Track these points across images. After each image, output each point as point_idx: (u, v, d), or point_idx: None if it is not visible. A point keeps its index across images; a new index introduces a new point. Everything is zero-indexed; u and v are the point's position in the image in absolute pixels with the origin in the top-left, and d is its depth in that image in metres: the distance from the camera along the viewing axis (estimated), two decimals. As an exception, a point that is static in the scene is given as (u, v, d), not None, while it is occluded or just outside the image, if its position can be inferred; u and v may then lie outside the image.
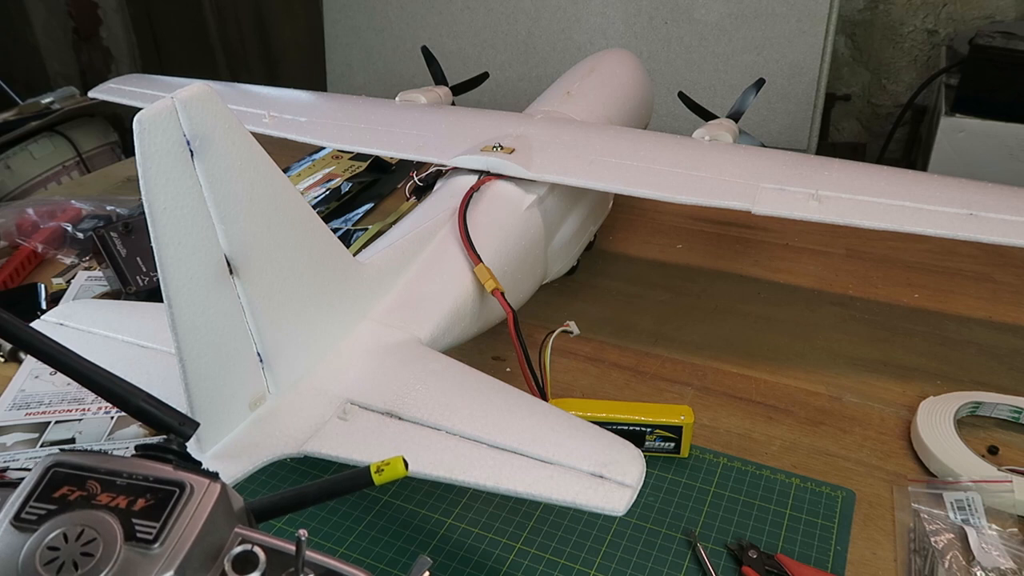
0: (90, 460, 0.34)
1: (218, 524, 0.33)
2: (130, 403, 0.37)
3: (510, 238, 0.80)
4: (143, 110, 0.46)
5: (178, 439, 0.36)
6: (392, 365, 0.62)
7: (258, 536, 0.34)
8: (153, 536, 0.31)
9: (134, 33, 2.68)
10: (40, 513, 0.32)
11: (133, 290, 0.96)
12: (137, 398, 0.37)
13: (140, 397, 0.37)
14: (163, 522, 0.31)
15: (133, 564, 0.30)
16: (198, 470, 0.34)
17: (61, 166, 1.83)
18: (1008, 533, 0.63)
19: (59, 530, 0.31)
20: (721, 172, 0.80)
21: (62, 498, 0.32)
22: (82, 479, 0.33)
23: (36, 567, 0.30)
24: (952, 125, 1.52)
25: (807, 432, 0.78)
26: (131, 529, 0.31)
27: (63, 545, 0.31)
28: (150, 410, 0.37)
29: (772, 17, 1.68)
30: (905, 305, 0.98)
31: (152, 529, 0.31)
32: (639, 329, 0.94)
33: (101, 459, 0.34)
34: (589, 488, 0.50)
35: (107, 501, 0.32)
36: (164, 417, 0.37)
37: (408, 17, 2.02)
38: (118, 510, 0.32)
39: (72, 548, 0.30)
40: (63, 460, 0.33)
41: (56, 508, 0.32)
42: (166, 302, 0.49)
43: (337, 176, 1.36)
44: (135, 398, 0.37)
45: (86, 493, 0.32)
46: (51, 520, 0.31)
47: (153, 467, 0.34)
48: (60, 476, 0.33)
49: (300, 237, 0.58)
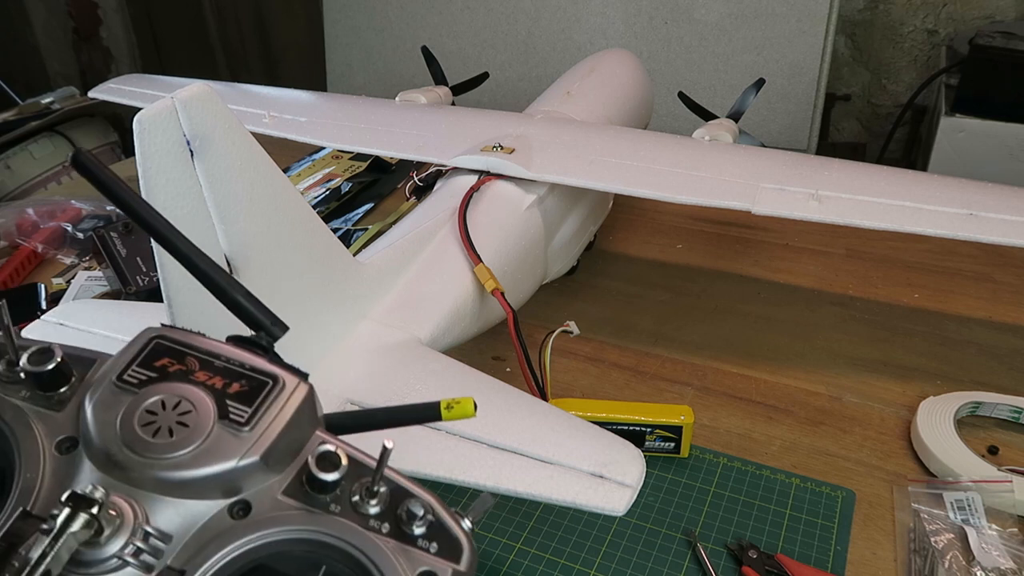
0: (190, 338, 0.35)
1: (303, 421, 0.33)
2: (228, 294, 0.37)
3: (510, 238, 0.80)
4: (143, 110, 0.46)
5: (267, 337, 0.37)
6: (392, 365, 0.62)
7: (340, 443, 0.34)
8: (244, 420, 0.32)
9: (134, 33, 2.68)
10: (141, 378, 0.33)
11: (133, 290, 0.96)
12: (236, 291, 0.37)
13: (239, 291, 0.37)
14: (255, 408, 0.32)
15: (223, 442, 0.31)
16: (289, 367, 0.35)
17: (61, 166, 1.82)
18: (1008, 533, 0.63)
19: (158, 396, 0.32)
20: (721, 172, 0.80)
21: (162, 368, 0.33)
22: (182, 354, 0.34)
23: (134, 426, 0.31)
24: (952, 125, 1.52)
25: (807, 432, 0.78)
26: (224, 409, 0.32)
27: (160, 411, 0.32)
28: (245, 305, 0.37)
29: (772, 17, 1.68)
30: (905, 305, 0.98)
31: (244, 413, 0.32)
32: (639, 329, 0.94)
33: (200, 339, 0.35)
34: (589, 488, 0.50)
35: (204, 379, 0.33)
36: (258, 314, 0.37)
37: (408, 17, 2.01)
38: (214, 389, 0.33)
39: (169, 415, 0.32)
40: (165, 334, 0.35)
41: (156, 376, 0.33)
42: (166, 302, 0.49)
43: (337, 176, 1.36)
44: (234, 291, 0.37)
45: (185, 368, 0.34)
46: (151, 386, 0.33)
47: (249, 356, 0.34)
48: (162, 347, 0.34)
49: (300, 237, 0.58)
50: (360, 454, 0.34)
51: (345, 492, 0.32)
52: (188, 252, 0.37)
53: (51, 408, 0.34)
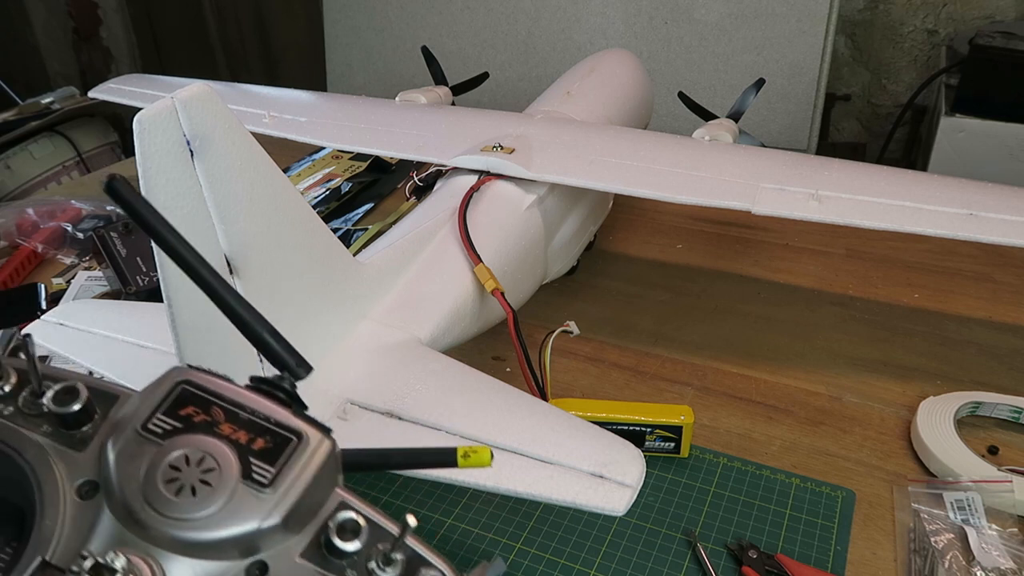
0: (216, 385, 0.34)
1: (324, 480, 0.33)
2: (255, 331, 0.36)
3: (510, 238, 0.80)
4: (143, 110, 0.46)
5: (290, 378, 0.36)
6: (392, 365, 0.62)
7: (359, 503, 0.34)
8: (268, 480, 0.31)
9: (134, 33, 2.68)
10: (166, 428, 0.32)
11: (133, 290, 0.96)
12: (263, 328, 0.36)
13: (266, 328, 0.36)
14: (278, 469, 0.32)
15: (245, 504, 0.31)
16: (313, 421, 0.34)
17: (61, 166, 1.83)
18: (1008, 533, 0.63)
19: (182, 451, 0.31)
20: (721, 172, 0.80)
21: (187, 418, 0.32)
22: (207, 403, 0.33)
23: (157, 482, 0.30)
24: (952, 125, 1.52)
25: (807, 432, 0.78)
26: (248, 468, 0.32)
27: (184, 467, 0.31)
28: (271, 343, 0.36)
29: (772, 17, 1.68)
30: (905, 305, 0.98)
31: (268, 473, 0.31)
32: (639, 329, 0.94)
33: (226, 387, 0.34)
34: (589, 488, 0.50)
35: (229, 432, 0.32)
36: (284, 354, 0.36)
37: (408, 17, 2.02)
38: (238, 444, 0.32)
39: (192, 472, 0.31)
40: (192, 379, 0.34)
41: (181, 427, 0.32)
42: (166, 302, 0.49)
43: (337, 176, 1.36)
44: (261, 328, 0.36)
45: (210, 419, 0.33)
46: (175, 437, 0.32)
47: (273, 408, 0.34)
48: (187, 394, 0.33)
49: (300, 237, 0.58)
50: (380, 517, 0.33)
51: (362, 556, 0.32)
52: (217, 286, 0.36)
53: (72, 446, 0.33)
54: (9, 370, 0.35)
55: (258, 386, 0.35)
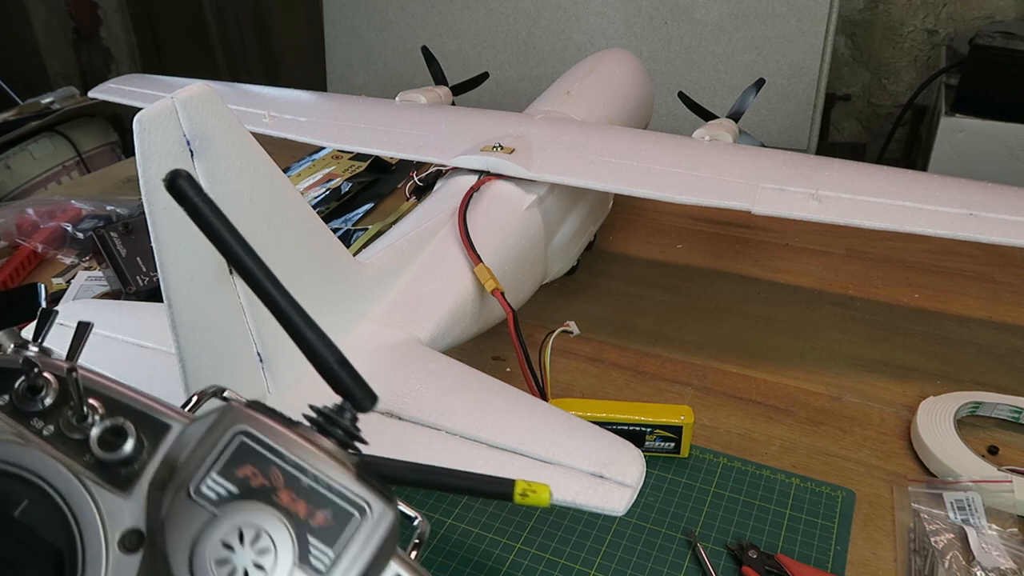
0: (276, 437, 0.31)
1: (381, 558, 0.31)
2: (323, 360, 0.33)
3: (510, 238, 0.80)
4: (143, 110, 0.45)
5: (352, 411, 0.33)
6: (392, 365, 0.62)
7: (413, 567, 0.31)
8: (326, 567, 0.29)
9: (134, 33, 2.68)
10: (220, 493, 0.29)
11: (133, 290, 0.96)
12: (331, 358, 0.33)
13: (335, 357, 0.33)
14: (338, 552, 0.29)
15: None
16: (376, 488, 0.31)
17: (61, 166, 1.83)
18: (1008, 533, 0.63)
19: (237, 525, 0.29)
20: (721, 172, 0.80)
21: (244, 480, 0.30)
22: (267, 462, 0.30)
23: (207, 561, 0.28)
24: (952, 125, 1.52)
25: (807, 432, 0.78)
26: (305, 550, 0.29)
27: (237, 547, 0.28)
28: (339, 373, 0.33)
29: (772, 17, 1.68)
30: (905, 305, 0.98)
31: (326, 558, 0.29)
32: (639, 329, 0.94)
33: (286, 437, 0.31)
34: (589, 488, 0.50)
35: (287, 502, 0.29)
36: (351, 384, 0.33)
37: (408, 17, 2.02)
38: (296, 519, 0.29)
39: (246, 555, 0.28)
40: (252, 431, 0.30)
41: (237, 492, 0.29)
42: (166, 302, 0.49)
43: (337, 176, 1.36)
44: (329, 357, 0.33)
45: (268, 483, 0.30)
46: (230, 505, 0.29)
47: (337, 471, 0.30)
48: (246, 450, 0.30)
49: (300, 237, 0.58)
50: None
51: None
52: (284, 304, 0.34)
53: (117, 484, 0.31)
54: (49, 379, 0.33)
55: (318, 422, 0.32)
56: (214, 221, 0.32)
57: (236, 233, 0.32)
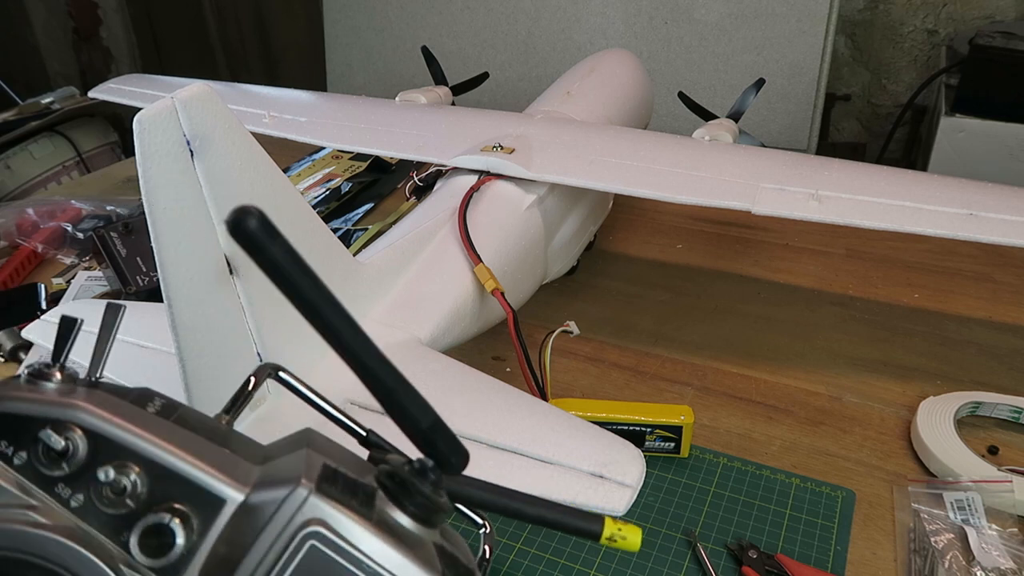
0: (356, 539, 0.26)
1: None
2: (414, 422, 0.29)
3: (510, 238, 0.80)
4: (143, 110, 0.45)
5: (439, 473, 0.29)
6: (392, 365, 0.62)
7: None
8: None
9: (134, 33, 2.68)
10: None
11: (133, 290, 0.96)
12: (424, 420, 0.29)
13: (429, 420, 0.29)
14: None
15: None
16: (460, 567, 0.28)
17: (61, 166, 1.82)
18: (1008, 533, 0.63)
19: None
20: (721, 172, 0.80)
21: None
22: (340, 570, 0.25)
23: None
24: (952, 125, 1.52)
25: (807, 432, 0.78)
26: None
27: None
28: (432, 436, 0.29)
29: (772, 17, 1.68)
30: (905, 305, 0.98)
31: None
32: (639, 329, 0.94)
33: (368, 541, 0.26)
34: (589, 488, 0.50)
35: None
36: (443, 449, 0.29)
37: (408, 17, 2.02)
38: None
39: None
40: (324, 534, 0.25)
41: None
42: (166, 302, 0.49)
43: (337, 176, 1.36)
44: (422, 419, 0.29)
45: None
46: None
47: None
48: (317, 557, 0.25)
49: (300, 237, 0.58)
50: None
51: None
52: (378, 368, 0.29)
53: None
54: (76, 439, 0.26)
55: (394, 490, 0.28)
56: (297, 276, 0.27)
57: (325, 291, 0.27)
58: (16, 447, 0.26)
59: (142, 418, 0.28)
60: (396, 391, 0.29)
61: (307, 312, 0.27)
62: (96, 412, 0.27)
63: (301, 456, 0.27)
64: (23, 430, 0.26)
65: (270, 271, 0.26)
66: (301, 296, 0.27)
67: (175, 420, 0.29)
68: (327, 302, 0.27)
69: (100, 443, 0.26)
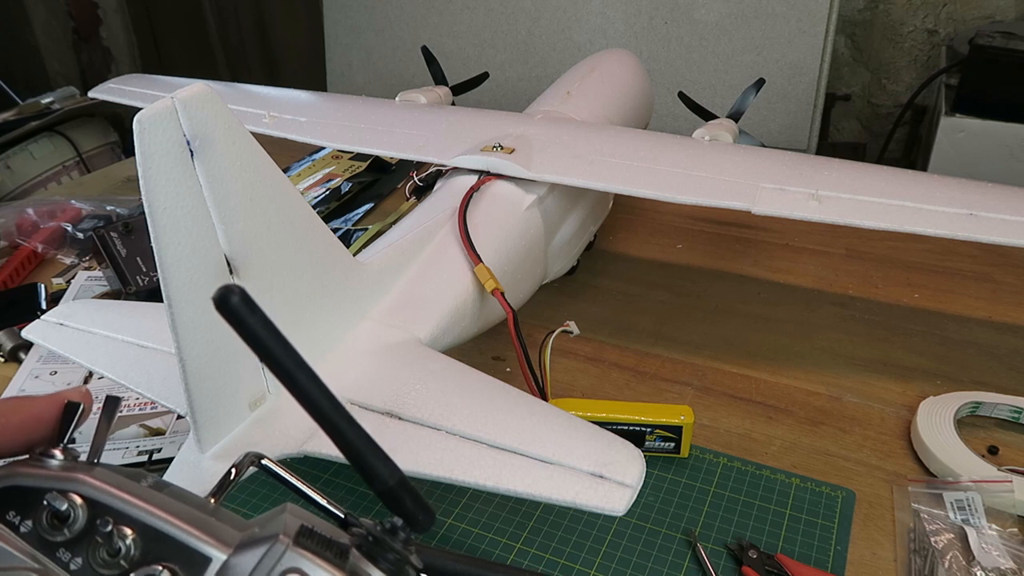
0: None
1: None
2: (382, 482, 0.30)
3: (510, 238, 0.80)
4: (143, 110, 0.45)
5: (408, 529, 0.30)
6: (392, 365, 0.62)
7: None
8: None
9: (134, 33, 2.68)
10: None
11: (133, 290, 0.96)
12: (391, 479, 0.30)
13: (396, 479, 0.30)
14: None
15: None
16: None
17: (61, 166, 1.83)
18: (1008, 533, 0.63)
19: None
20: (721, 172, 0.80)
21: None
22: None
23: None
24: (952, 125, 1.52)
25: (807, 432, 0.78)
26: None
27: None
28: (400, 494, 0.30)
29: (772, 17, 1.68)
30: (905, 305, 0.98)
31: None
32: (639, 329, 0.94)
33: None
34: (589, 488, 0.50)
35: None
36: (411, 508, 0.30)
37: (408, 17, 2.02)
38: None
39: None
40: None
41: None
42: (166, 302, 0.49)
43: (337, 176, 1.36)
44: (389, 478, 0.30)
45: None
46: None
47: None
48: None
49: (300, 237, 0.58)
50: None
51: None
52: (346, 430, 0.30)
53: None
54: (77, 507, 0.29)
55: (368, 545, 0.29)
56: (273, 347, 0.29)
57: (297, 357, 0.30)
58: (23, 516, 0.29)
59: (137, 489, 0.31)
60: (364, 452, 0.30)
61: (282, 376, 0.29)
62: (95, 484, 0.30)
63: (280, 519, 0.29)
64: (30, 501, 0.29)
65: (250, 341, 0.29)
66: (277, 363, 0.29)
67: (166, 493, 0.31)
68: (300, 368, 0.29)
69: (99, 510, 0.29)
